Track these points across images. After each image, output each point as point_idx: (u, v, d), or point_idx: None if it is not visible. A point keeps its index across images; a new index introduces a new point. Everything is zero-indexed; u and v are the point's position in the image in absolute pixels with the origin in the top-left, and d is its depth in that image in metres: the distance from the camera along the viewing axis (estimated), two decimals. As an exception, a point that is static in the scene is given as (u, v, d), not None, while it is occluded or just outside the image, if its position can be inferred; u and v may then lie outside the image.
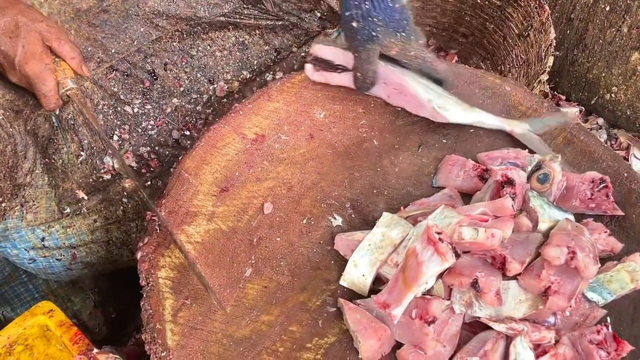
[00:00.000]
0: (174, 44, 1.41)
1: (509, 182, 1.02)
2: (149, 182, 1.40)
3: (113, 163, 1.34)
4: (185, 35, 1.41)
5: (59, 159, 1.28)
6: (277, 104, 1.24)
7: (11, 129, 1.17)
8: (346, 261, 1.02)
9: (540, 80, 1.72)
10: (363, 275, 0.98)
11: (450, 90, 1.20)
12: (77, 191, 1.29)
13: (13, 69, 1.07)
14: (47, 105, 1.10)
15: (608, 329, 0.91)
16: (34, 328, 1.09)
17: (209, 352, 0.95)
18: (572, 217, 1.04)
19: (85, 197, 1.29)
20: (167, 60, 1.41)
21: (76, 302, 1.53)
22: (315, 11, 1.37)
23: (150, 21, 1.35)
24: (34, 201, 1.23)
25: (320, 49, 1.22)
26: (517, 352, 0.88)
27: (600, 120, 2.06)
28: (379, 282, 0.99)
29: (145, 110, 1.37)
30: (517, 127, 1.18)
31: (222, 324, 0.98)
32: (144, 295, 1.00)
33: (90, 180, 1.32)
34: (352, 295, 1.00)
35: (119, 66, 1.37)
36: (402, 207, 1.08)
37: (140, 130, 1.36)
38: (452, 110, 1.17)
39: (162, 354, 0.94)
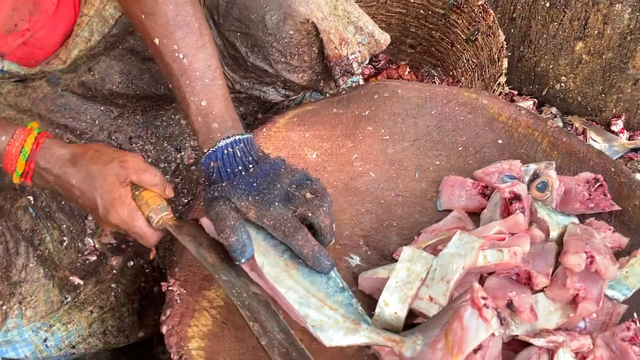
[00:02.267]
0: (137, 117, 1.39)
1: (517, 197, 1.05)
2: (132, 262, 1.37)
3: (94, 243, 1.31)
4: (147, 109, 1.39)
5: (45, 249, 1.24)
6: (267, 151, 1.24)
7: (0, 227, 1.13)
8: (373, 299, 1.03)
9: (499, 82, 1.78)
10: (395, 313, 0.99)
11: (328, 244, 1.01)
12: (71, 278, 1.25)
13: (102, 221, 1.02)
14: (147, 244, 1.03)
15: (637, 324, 0.96)
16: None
17: (259, 417, 0.94)
18: (576, 220, 1.09)
19: (81, 282, 1.26)
20: (131, 134, 1.39)
21: (79, 384, 1.49)
22: (276, 84, 1.38)
23: (109, 101, 1.32)
24: (31, 296, 1.19)
25: (207, 224, 1.05)
26: (561, 364, 0.91)
27: (554, 110, 2.15)
28: (411, 316, 1.01)
29: None
30: (405, 349, 0.92)
31: (266, 385, 0.97)
32: (180, 370, 0.99)
33: (78, 264, 1.29)
34: (386, 333, 1.01)
35: None
36: (415, 237, 1.10)
37: None
38: (330, 332, 0.92)
39: None
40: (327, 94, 1.44)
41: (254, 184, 1.02)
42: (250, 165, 1.05)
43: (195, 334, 1.02)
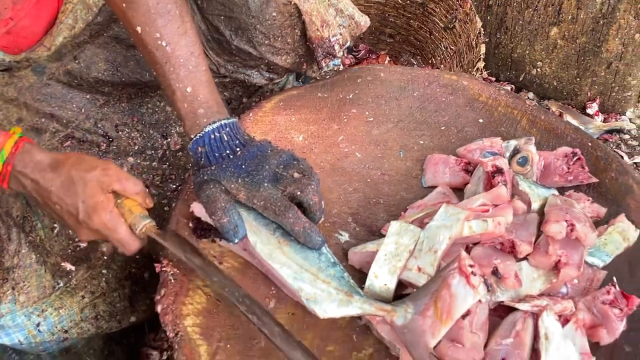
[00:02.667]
0: (122, 104, 1.40)
1: (499, 171, 1.09)
2: None
3: None
4: (133, 96, 1.40)
5: (36, 236, 1.25)
6: (254, 135, 1.26)
7: None
8: (363, 274, 1.06)
9: (477, 67, 1.82)
10: (385, 285, 1.02)
11: (318, 221, 1.05)
12: (62, 264, 1.27)
13: (81, 227, 1.01)
14: (128, 251, 1.04)
15: (616, 288, 1.00)
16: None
17: (256, 388, 0.96)
18: (556, 192, 1.13)
19: (73, 268, 1.27)
20: (117, 121, 1.40)
21: (73, 370, 1.50)
22: (260, 67, 1.40)
23: (95, 89, 1.34)
24: (24, 281, 1.20)
25: (198, 208, 1.08)
26: (546, 326, 0.95)
27: (531, 95, 2.20)
28: (401, 287, 1.04)
29: None
30: (396, 317, 0.96)
31: (261, 358, 1.00)
32: (176, 347, 1.00)
33: (69, 251, 1.30)
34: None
35: (73, 134, 1.35)
36: (402, 213, 1.14)
37: None
38: (324, 304, 0.97)
39: (211, 400, 0.95)
40: (311, 79, 1.46)
41: (243, 166, 1.04)
42: (238, 149, 1.07)
43: (190, 312, 1.04)
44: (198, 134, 1.07)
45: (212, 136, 1.07)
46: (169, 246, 1.04)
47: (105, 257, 1.33)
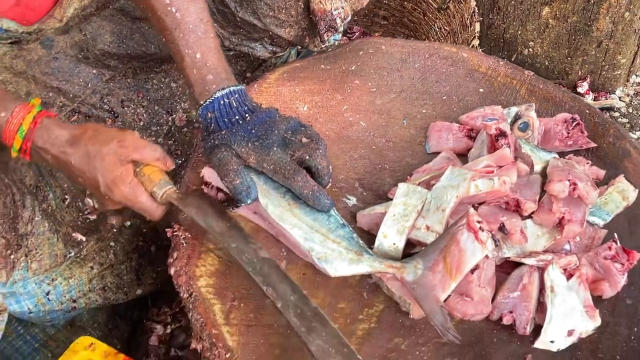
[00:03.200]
0: (128, 80, 1.41)
1: (502, 134, 1.12)
2: (129, 222, 1.40)
3: (93, 203, 1.34)
4: (138, 71, 1.42)
5: (48, 206, 1.26)
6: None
7: (7, 180, 1.15)
8: (372, 235, 1.08)
9: (473, 45, 1.85)
10: (394, 244, 1.05)
11: (326, 185, 1.07)
12: (73, 234, 1.28)
13: (105, 199, 1.03)
14: (153, 218, 1.06)
15: (617, 244, 1.04)
16: (77, 366, 1.08)
17: (271, 344, 0.98)
18: (557, 156, 1.16)
19: (84, 239, 1.28)
20: (123, 97, 1.41)
21: (78, 342, 1.51)
22: (264, 39, 1.42)
23: (101, 63, 1.35)
24: (37, 249, 1.21)
25: (209, 172, 1.10)
26: (551, 279, 0.98)
27: (523, 75, 2.23)
28: (409, 247, 1.07)
29: None
30: (406, 274, 0.99)
31: (275, 316, 1.02)
32: (190, 307, 1.03)
33: (79, 222, 1.32)
34: (385, 265, 1.07)
35: (80, 109, 1.36)
36: (407, 177, 1.16)
37: None
38: (335, 263, 1.00)
39: (227, 356, 0.97)
40: (312, 53, 1.49)
41: (252, 131, 1.07)
42: (247, 115, 1.09)
43: (203, 273, 1.05)
44: (207, 100, 1.09)
45: (222, 102, 1.08)
46: (188, 212, 1.05)
47: (115, 230, 1.34)
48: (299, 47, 1.63)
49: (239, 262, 1.00)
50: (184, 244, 1.09)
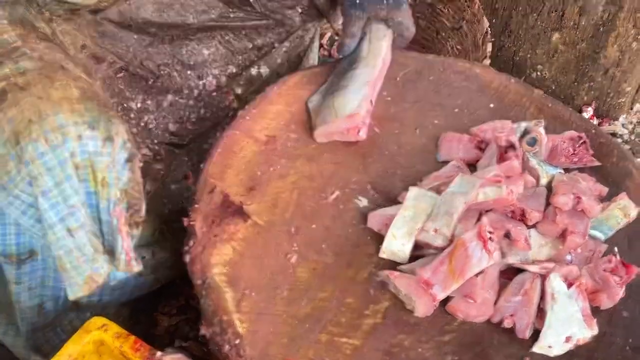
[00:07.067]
0: (165, 46, 1.51)
1: (512, 146, 1.17)
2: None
3: None
4: (175, 38, 1.51)
5: None
6: (279, 106, 1.33)
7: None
8: (381, 236, 1.13)
9: (484, 65, 1.90)
10: (402, 245, 1.09)
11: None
12: None
13: None
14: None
15: (617, 257, 1.08)
16: (89, 345, 1.11)
17: (279, 332, 1.02)
18: (562, 171, 1.21)
19: None
20: (159, 62, 1.51)
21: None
22: (297, 7, 1.50)
23: (143, 30, 1.44)
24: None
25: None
26: (552, 286, 1.02)
27: (530, 97, 2.29)
28: (416, 249, 1.11)
29: (146, 105, 1.48)
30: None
31: (284, 306, 1.06)
32: (204, 293, 1.06)
33: None
34: (392, 265, 1.11)
35: (127, 67, 1.47)
36: (418, 182, 1.21)
37: (142, 125, 1.47)
38: None
39: (236, 342, 1.01)
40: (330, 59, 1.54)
41: None
42: None
43: (217, 262, 1.09)
44: None
45: None
46: None
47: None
48: (321, 51, 1.69)
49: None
50: (200, 234, 1.13)
